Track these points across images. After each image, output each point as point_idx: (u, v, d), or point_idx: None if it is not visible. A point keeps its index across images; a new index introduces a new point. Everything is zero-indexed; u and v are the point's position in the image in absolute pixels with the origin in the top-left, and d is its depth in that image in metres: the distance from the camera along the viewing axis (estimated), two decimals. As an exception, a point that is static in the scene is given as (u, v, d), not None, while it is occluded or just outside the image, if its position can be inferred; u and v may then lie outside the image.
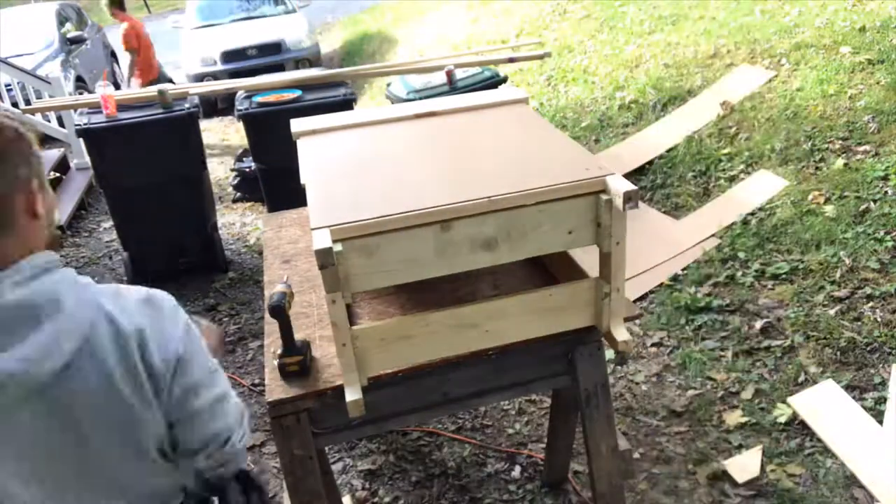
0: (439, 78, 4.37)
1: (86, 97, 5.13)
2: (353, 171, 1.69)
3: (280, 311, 1.58)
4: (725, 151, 4.31)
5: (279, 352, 1.62)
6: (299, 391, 1.58)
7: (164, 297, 1.17)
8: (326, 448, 2.53)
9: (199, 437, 1.17)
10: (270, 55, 8.75)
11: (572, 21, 7.51)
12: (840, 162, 3.79)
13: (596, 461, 1.87)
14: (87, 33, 9.08)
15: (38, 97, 6.41)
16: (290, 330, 1.60)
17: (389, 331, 1.54)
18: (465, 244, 1.46)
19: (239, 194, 5.71)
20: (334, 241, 1.35)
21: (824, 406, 2.65)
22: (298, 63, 8.78)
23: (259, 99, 4.16)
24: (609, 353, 2.18)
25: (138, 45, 6.47)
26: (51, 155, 6.17)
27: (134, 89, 5.91)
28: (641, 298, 3.57)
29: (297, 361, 1.61)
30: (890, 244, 3.22)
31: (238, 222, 5.38)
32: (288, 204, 2.56)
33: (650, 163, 4.55)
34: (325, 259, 1.33)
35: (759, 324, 3.13)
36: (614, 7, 7.21)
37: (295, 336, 1.62)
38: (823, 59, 4.61)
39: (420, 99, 3.85)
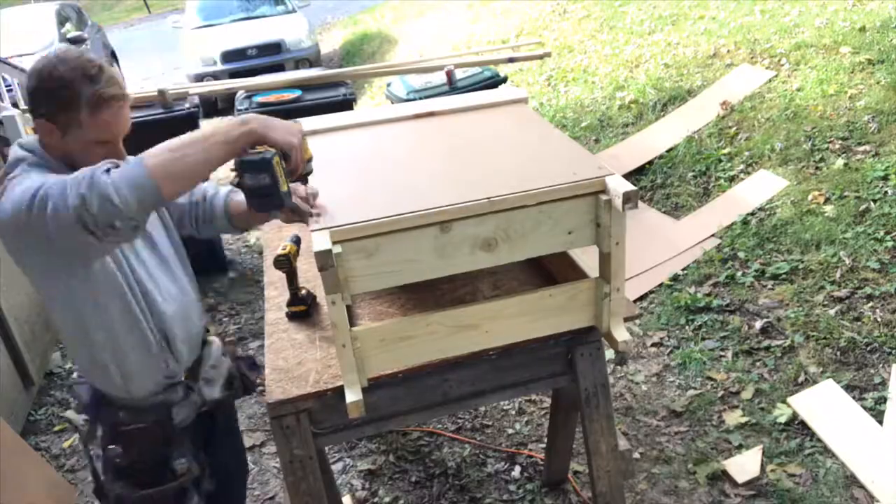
0: (439, 78, 4.37)
1: (86, 97, 5.12)
2: (353, 171, 1.69)
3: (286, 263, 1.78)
4: (725, 151, 4.31)
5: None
6: (299, 391, 1.58)
7: None
8: (326, 448, 2.53)
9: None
10: (270, 55, 8.75)
11: (572, 21, 7.51)
12: (840, 162, 3.79)
13: (596, 461, 1.87)
14: (87, 33, 9.08)
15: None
16: (296, 280, 1.79)
17: (389, 332, 1.54)
18: (464, 245, 1.46)
19: (239, 194, 5.69)
20: (334, 243, 1.35)
21: (824, 406, 2.65)
22: (298, 63, 8.77)
23: (259, 99, 4.16)
24: (609, 353, 2.18)
25: None
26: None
27: (132, 89, 5.90)
28: (641, 298, 3.57)
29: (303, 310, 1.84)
30: (890, 244, 3.22)
31: (238, 222, 5.37)
32: (288, 204, 2.55)
33: (650, 163, 4.55)
34: (325, 261, 1.33)
35: (759, 324, 3.13)
36: (614, 7, 7.21)
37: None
38: (823, 59, 4.61)
39: (420, 99, 3.84)
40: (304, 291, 1.87)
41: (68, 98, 1.39)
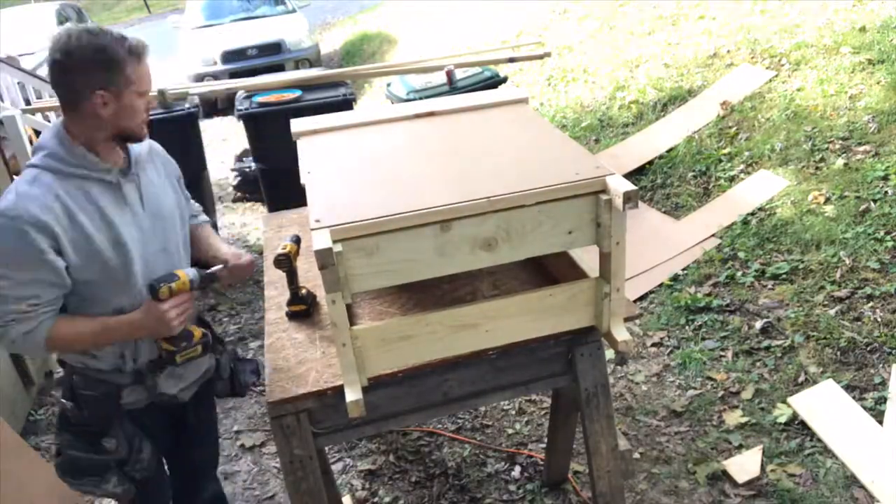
0: (439, 78, 4.37)
1: (86, 97, 5.11)
2: (353, 171, 1.69)
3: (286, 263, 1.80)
4: (725, 151, 4.31)
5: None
6: (299, 391, 1.58)
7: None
8: (326, 448, 2.53)
9: None
10: (270, 55, 8.75)
11: (572, 21, 7.51)
12: (840, 162, 3.79)
13: (596, 461, 1.87)
14: (87, 33, 9.07)
15: (38, 97, 6.41)
16: (296, 279, 1.81)
17: (389, 331, 1.54)
18: (464, 244, 1.46)
19: (239, 194, 5.71)
20: (334, 242, 1.36)
21: (824, 406, 2.65)
22: (298, 63, 8.78)
23: (259, 99, 4.16)
24: (609, 353, 2.18)
25: None
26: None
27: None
28: (641, 298, 3.57)
29: (303, 309, 1.85)
30: (890, 244, 3.22)
31: (238, 222, 5.38)
32: (288, 204, 2.56)
33: (650, 163, 4.55)
34: (325, 259, 1.33)
35: (759, 324, 3.13)
36: (614, 7, 7.21)
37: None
38: (823, 59, 4.61)
39: (420, 99, 3.85)
40: (304, 291, 1.87)
41: (112, 58, 1.47)
